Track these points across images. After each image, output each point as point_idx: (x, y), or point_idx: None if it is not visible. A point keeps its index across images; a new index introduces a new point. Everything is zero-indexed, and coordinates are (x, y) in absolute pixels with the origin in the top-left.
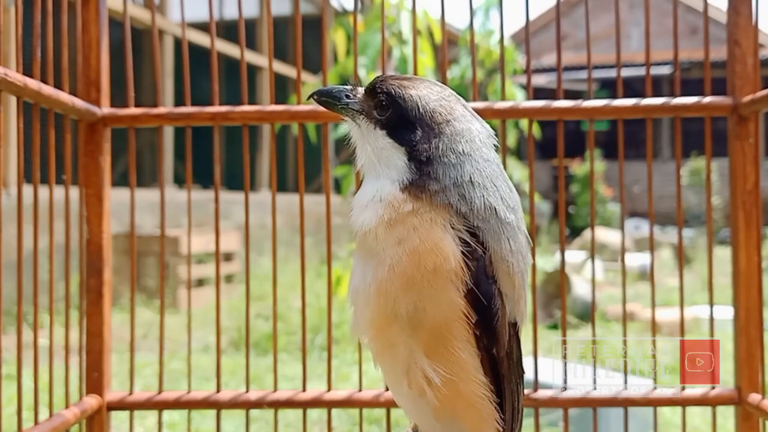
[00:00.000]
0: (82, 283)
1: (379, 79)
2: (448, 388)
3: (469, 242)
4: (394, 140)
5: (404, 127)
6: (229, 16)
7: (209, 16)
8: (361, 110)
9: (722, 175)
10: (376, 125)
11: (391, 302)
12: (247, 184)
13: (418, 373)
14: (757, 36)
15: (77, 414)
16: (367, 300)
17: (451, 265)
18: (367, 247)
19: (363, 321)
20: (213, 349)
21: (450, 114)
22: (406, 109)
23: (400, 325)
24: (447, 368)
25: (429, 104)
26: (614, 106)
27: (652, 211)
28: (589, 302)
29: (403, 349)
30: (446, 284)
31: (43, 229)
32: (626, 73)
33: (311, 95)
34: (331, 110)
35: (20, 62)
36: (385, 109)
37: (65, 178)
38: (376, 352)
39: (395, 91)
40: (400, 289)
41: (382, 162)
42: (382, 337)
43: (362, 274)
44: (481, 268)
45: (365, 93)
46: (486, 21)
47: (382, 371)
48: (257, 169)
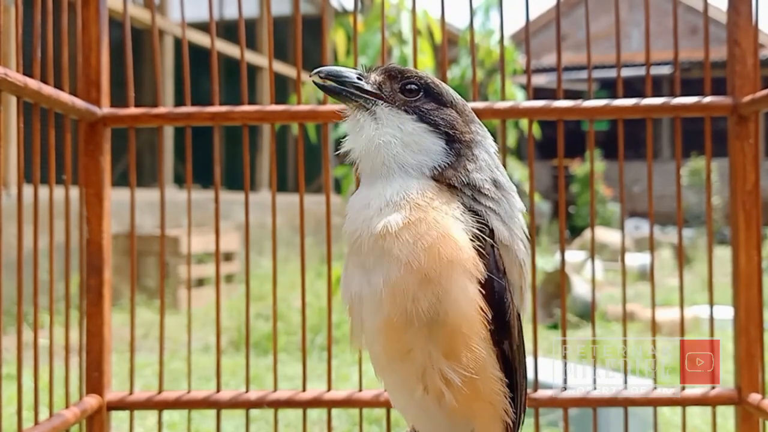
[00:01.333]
0: (82, 283)
1: (390, 64)
2: (469, 387)
3: (482, 232)
4: (428, 124)
5: (437, 109)
6: (229, 16)
7: (209, 16)
8: (379, 94)
9: (722, 175)
10: (401, 110)
11: (410, 302)
12: (247, 184)
13: (436, 375)
14: (757, 36)
15: (77, 414)
16: (377, 306)
17: (468, 255)
18: (378, 251)
19: (371, 329)
20: (213, 349)
21: (467, 106)
22: (440, 93)
23: (417, 326)
24: (466, 367)
25: (455, 93)
26: (614, 106)
27: (652, 211)
28: (589, 302)
29: (419, 353)
30: (463, 276)
31: (43, 229)
32: (626, 73)
33: (314, 73)
34: (337, 96)
35: (20, 62)
36: (414, 93)
37: (65, 178)
38: (386, 361)
39: (425, 75)
40: (418, 287)
41: (409, 147)
42: (396, 343)
43: (365, 280)
44: (493, 262)
45: (385, 76)
46: (486, 21)
47: (387, 383)
48: (257, 169)
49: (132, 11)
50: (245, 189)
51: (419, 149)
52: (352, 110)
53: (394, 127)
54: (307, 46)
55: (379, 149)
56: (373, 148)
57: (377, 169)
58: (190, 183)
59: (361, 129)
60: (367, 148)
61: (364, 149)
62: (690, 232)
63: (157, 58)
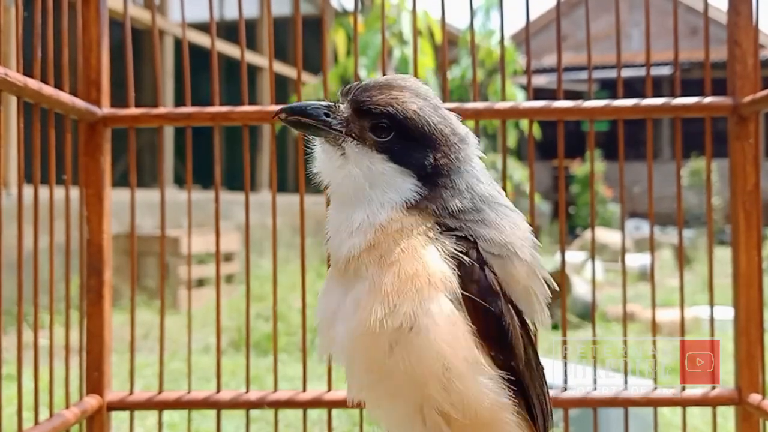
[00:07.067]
0: (83, 283)
1: (360, 91)
2: (468, 418)
3: (463, 252)
4: (398, 164)
5: (409, 147)
6: (229, 17)
7: (209, 16)
8: (348, 132)
9: (722, 175)
10: (372, 149)
11: (378, 321)
12: (248, 184)
13: (431, 409)
14: (757, 36)
15: (77, 414)
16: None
17: (436, 271)
18: (350, 272)
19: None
20: (213, 349)
21: (449, 121)
22: (413, 128)
23: (391, 348)
24: (461, 397)
25: (432, 117)
26: (614, 106)
27: (653, 212)
28: (589, 302)
29: (401, 380)
30: (434, 294)
31: (44, 229)
32: (626, 74)
33: (278, 113)
34: (304, 132)
35: (20, 62)
36: (385, 132)
37: (65, 178)
38: (368, 389)
39: (396, 110)
40: (385, 306)
41: (377, 187)
42: (369, 366)
43: (342, 298)
44: (483, 284)
45: (353, 112)
46: (486, 21)
47: (381, 419)
48: (257, 169)
49: (132, 11)
50: (245, 189)
51: (389, 188)
52: (322, 141)
53: (363, 166)
54: (307, 47)
55: (347, 186)
56: (340, 182)
57: (345, 200)
58: (190, 183)
59: (330, 162)
60: (335, 181)
61: (332, 181)
62: (690, 233)
63: (157, 58)
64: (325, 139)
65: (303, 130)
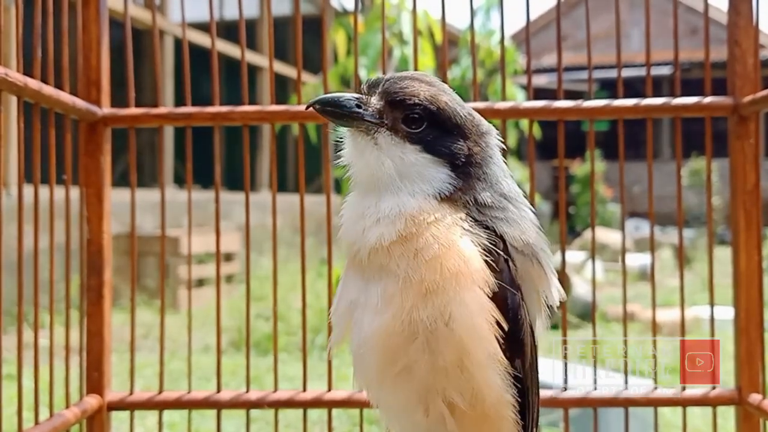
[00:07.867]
0: (83, 283)
1: (391, 83)
2: (474, 410)
3: (494, 245)
4: (432, 154)
5: (442, 137)
6: (229, 16)
7: (209, 16)
8: (380, 122)
9: (722, 175)
10: (405, 140)
11: (409, 314)
12: (248, 184)
13: (438, 397)
14: (758, 36)
15: (77, 414)
16: (373, 316)
17: (476, 267)
18: (376, 264)
19: (365, 338)
20: (213, 349)
21: (474, 114)
22: (446, 119)
23: (418, 340)
24: (472, 389)
25: (462, 109)
26: (614, 106)
27: (653, 212)
28: (590, 302)
29: (418, 370)
30: (471, 288)
31: (44, 229)
32: (626, 74)
33: (311, 104)
34: (336, 122)
35: (21, 62)
36: (418, 122)
37: (65, 178)
38: (376, 376)
39: (429, 101)
40: (419, 300)
41: (408, 178)
42: (392, 355)
43: (364, 289)
44: (507, 276)
45: (385, 103)
46: (486, 21)
47: (381, 404)
48: (257, 169)
49: (132, 11)
50: (245, 189)
51: (420, 178)
52: (353, 131)
53: (396, 157)
54: (307, 47)
55: (378, 176)
56: (371, 173)
57: (372, 188)
58: (190, 183)
59: (362, 153)
60: (366, 172)
61: (362, 171)
62: (690, 233)
63: (158, 58)
64: (357, 130)
65: (336, 120)
